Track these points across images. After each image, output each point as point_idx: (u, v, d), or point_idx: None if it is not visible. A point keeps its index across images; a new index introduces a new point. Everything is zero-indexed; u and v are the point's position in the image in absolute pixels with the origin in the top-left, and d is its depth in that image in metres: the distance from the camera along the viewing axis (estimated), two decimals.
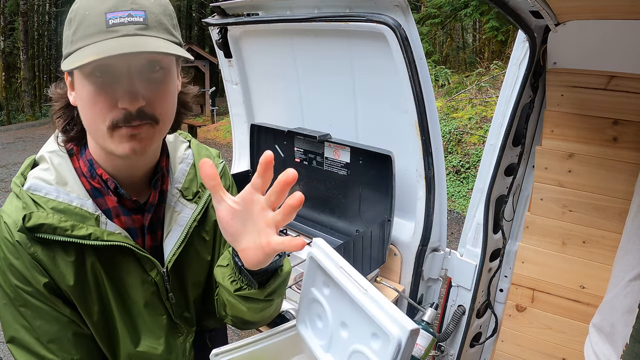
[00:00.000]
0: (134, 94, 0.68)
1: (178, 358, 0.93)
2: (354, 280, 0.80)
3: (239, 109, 2.29)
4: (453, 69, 9.89)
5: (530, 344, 1.68)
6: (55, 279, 0.76)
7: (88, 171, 0.80)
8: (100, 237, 0.76)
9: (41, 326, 0.77)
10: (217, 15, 1.98)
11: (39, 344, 0.77)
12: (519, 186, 1.65)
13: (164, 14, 0.71)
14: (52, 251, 0.75)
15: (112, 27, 0.66)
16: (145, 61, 0.70)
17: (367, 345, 0.78)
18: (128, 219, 0.83)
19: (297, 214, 2.35)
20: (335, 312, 0.86)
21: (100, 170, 0.80)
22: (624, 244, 1.16)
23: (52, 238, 0.74)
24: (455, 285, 1.74)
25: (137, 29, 0.67)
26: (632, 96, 1.33)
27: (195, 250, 0.92)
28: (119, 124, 0.70)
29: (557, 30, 1.29)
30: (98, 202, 0.80)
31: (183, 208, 0.88)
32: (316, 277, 0.92)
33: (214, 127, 11.33)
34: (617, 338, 1.07)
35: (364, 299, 0.77)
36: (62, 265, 0.76)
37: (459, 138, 6.55)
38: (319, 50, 1.83)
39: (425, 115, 1.49)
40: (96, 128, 0.72)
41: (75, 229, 0.75)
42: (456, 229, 4.98)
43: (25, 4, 17.44)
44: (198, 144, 0.99)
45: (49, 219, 0.73)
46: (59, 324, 0.78)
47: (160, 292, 0.87)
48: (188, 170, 0.91)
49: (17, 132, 12.95)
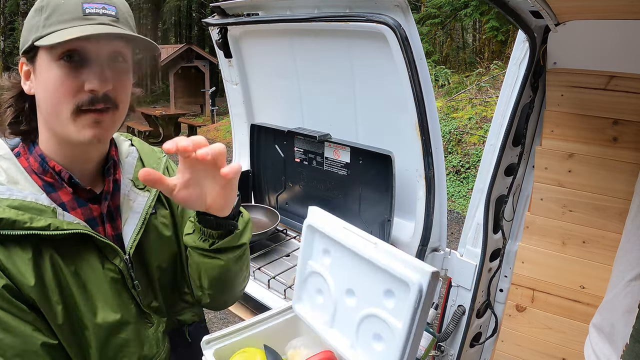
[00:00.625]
0: (104, 77, 0.73)
1: (152, 349, 0.91)
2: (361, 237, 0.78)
3: (239, 109, 2.29)
4: (453, 69, 9.89)
5: (530, 344, 1.68)
6: (14, 280, 0.73)
7: (40, 166, 0.80)
8: (60, 226, 0.76)
9: (4, 339, 0.72)
10: (217, 15, 1.98)
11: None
12: (519, 186, 1.65)
13: (129, 15, 0.79)
14: (7, 250, 0.73)
15: (89, 15, 0.72)
16: (113, 50, 0.75)
17: (380, 306, 0.75)
18: (85, 210, 0.83)
19: (298, 214, 2.35)
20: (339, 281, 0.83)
21: (53, 162, 0.80)
22: (624, 244, 1.16)
23: (11, 233, 0.72)
24: (455, 285, 1.74)
25: (110, 20, 0.74)
26: (632, 96, 1.33)
27: (155, 235, 0.93)
28: (83, 107, 0.73)
29: (557, 30, 1.29)
30: (52, 197, 0.80)
31: (136, 196, 0.91)
32: (314, 247, 0.89)
33: (214, 127, 11.32)
34: (617, 338, 1.07)
35: (375, 253, 0.74)
36: (19, 263, 0.74)
37: (459, 138, 6.55)
38: (319, 50, 1.83)
39: (425, 115, 1.49)
40: (58, 112, 0.74)
41: (34, 221, 0.74)
42: (456, 229, 4.98)
43: (25, 4, 17.44)
44: (139, 140, 1.02)
45: (5, 214, 0.72)
46: (24, 335, 0.74)
47: (126, 281, 0.86)
48: (135, 163, 0.95)
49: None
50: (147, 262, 0.91)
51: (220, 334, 0.87)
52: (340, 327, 0.84)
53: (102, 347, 0.84)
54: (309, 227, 0.90)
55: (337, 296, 0.84)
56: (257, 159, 2.17)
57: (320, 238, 0.88)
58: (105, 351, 0.84)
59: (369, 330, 0.78)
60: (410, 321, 0.69)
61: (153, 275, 0.92)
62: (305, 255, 0.91)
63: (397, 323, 0.72)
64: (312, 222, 0.88)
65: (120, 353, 0.86)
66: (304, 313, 0.91)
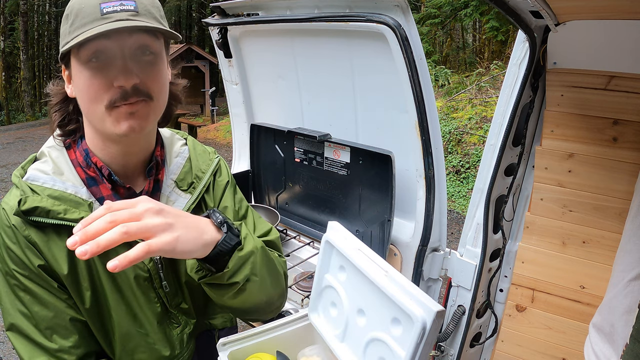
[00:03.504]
0: (128, 71, 0.74)
1: (175, 349, 0.93)
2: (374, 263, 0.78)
3: (239, 109, 2.29)
4: (453, 69, 9.89)
5: (530, 344, 1.68)
6: (49, 263, 0.79)
7: (84, 160, 0.84)
8: None
9: (38, 312, 0.79)
10: (217, 15, 1.98)
11: (37, 330, 0.79)
12: (519, 186, 1.65)
13: (152, 6, 0.78)
14: (45, 235, 0.78)
15: (106, 14, 0.72)
16: (137, 45, 0.75)
17: (387, 331, 0.76)
18: None
19: (298, 214, 2.35)
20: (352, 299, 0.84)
21: (95, 158, 0.83)
22: (624, 244, 1.15)
23: (45, 221, 0.77)
24: (455, 285, 1.74)
25: (129, 15, 0.74)
26: (632, 96, 1.33)
27: None
28: (117, 103, 0.74)
29: (557, 30, 1.29)
30: (92, 190, 0.83)
31: (177, 198, 0.91)
32: (331, 262, 0.90)
33: (214, 127, 11.32)
34: (617, 338, 1.07)
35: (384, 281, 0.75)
36: (55, 249, 0.79)
37: (459, 138, 6.55)
38: (319, 50, 1.83)
39: (425, 115, 1.49)
40: (94, 110, 0.76)
41: (68, 212, 0.78)
42: (456, 229, 4.98)
43: (25, 4, 17.45)
44: (194, 140, 1.03)
45: (42, 203, 0.77)
46: (56, 309, 0.80)
47: (154, 280, 0.88)
48: (184, 164, 0.95)
49: (17, 132, 12.95)
50: (178, 265, 0.92)
51: (236, 338, 0.89)
52: (350, 343, 0.85)
53: (124, 337, 0.87)
54: (327, 242, 0.90)
55: (349, 313, 0.85)
56: (257, 159, 2.17)
57: (337, 254, 0.89)
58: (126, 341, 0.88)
59: (375, 353, 0.80)
60: (412, 354, 0.70)
61: (182, 278, 0.93)
62: (323, 268, 0.91)
63: (401, 352, 0.73)
64: (330, 238, 0.89)
65: (140, 347, 0.89)
66: (318, 323, 0.93)
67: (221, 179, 1.00)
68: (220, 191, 1.00)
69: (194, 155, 0.97)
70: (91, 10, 0.73)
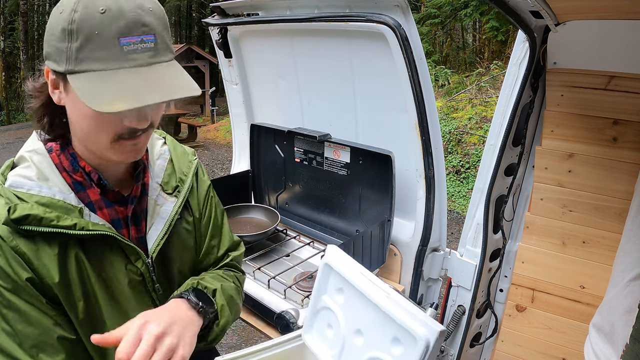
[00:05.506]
0: (143, 116, 0.72)
1: None
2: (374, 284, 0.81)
3: (239, 109, 2.29)
4: (453, 69, 9.88)
5: (530, 344, 1.68)
6: (39, 274, 0.75)
7: (70, 165, 0.81)
8: (85, 226, 0.77)
9: (22, 330, 0.74)
10: (217, 15, 1.98)
11: (21, 350, 0.74)
12: (519, 186, 1.65)
13: (165, 29, 0.73)
14: (35, 244, 0.75)
15: (128, 53, 0.67)
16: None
17: (387, 351, 0.77)
18: (111, 211, 0.84)
19: (298, 214, 2.35)
20: (349, 319, 0.86)
21: (83, 162, 0.81)
22: (624, 244, 1.15)
23: (38, 229, 0.74)
24: (455, 285, 1.74)
25: (149, 56, 0.69)
26: (632, 96, 1.33)
27: (179, 241, 0.94)
28: (123, 137, 0.73)
29: (557, 30, 1.29)
30: (80, 195, 0.81)
31: (164, 202, 0.91)
32: (329, 284, 0.92)
33: (214, 127, 11.32)
34: (617, 338, 1.07)
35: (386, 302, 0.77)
36: (45, 258, 0.76)
37: (459, 138, 6.55)
38: (319, 50, 1.83)
39: (425, 115, 1.49)
40: (96, 140, 0.74)
41: (60, 219, 0.75)
42: (456, 229, 4.98)
43: (25, 4, 17.44)
44: (172, 140, 1.03)
45: (34, 210, 0.74)
46: (43, 327, 0.76)
47: (147, 283, 0.88)
48: (166, 166, 0.95)
49: (17, 132, 12.94)
50: (169, 267, 0.93)
51: (231, 357, 0.90)
52: None
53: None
54: (326, 265, 0.93)
55: (346, 333, 0.86)
56: (257, 159, 2.17)
57: (335, 276, 0.91)
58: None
59: None
60: None
61: (174, 279, 0.94)
62: (320, 290, 0.94)
63: None
64: (330, 261, 0.91)
65: None
66: (313, 344, 0.94)
67: (202, 182, 1.02)
68: (203, 194, 1.01)
69: (175, 156, 0.98)
70: (108, 41, 0.66)
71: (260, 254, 1.82)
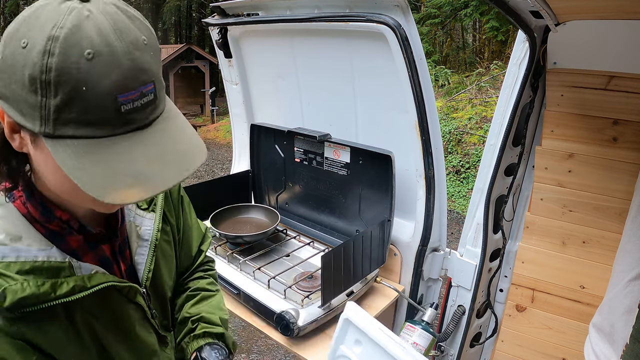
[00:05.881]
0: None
1: None
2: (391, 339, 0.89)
3: (239, 109, 2.29)
4: (453, 69, 9.89)
5: (530, 344, 1.68)
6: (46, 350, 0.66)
7: (42, 216, 0.67)
8: (84, 286, 0.68)
9: None
10: (217, 15, 1.99)
11: None
12: (519, 186, 1.65)
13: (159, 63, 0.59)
14: (36, 323, 0.64)
15: (126, 114, 0.53)
16: None
17: None
18: (98, 252, 0.76)
19: (298, 214, 2.34)
20: None
21: (59, 212, 0.68)
22: (624, 244, 1.16)
23: (37, 308, 0.63)
24: (455, 285, 1.74)
25: (149, 112, 0.57)
26: (632, 96, 1.33)
27: (163, 257, 0.90)
28: None
29: (557, 30, 1.29)
30: (61, 247, 0.68)
31: (142, 220, 0.83)
32: (347, 335, 0.99)
33: (214, 127, 11.32)
34: (617, 338, 1.07)
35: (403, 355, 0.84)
36: (52, 331, 0.66)
37: (459, 138, 6.55)
38: (319, 50, 1.83)
39: (425, 115, 1.49)
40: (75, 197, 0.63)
41: (56, 288, 0.65)
42: (456, 229, 4.98)
43: (25, 4, 17.45)
44: None
45: (27, 290, 0.61)
46: None
47: (146, 313, 0.84)
48: None
49: None
50: (160, 286, 0.91)
51: None
52: None
53: None
54: (346, 319, 1.01)
55: None
56: (257, 159, 2.17)
57: (354, 329, 0.99)
58: None
59: None
60: None
61: (166, 295, 0.93)
62: (339, 340, 1.02)
63: None
64: (349, 316, 0.99)
65: None
66: None
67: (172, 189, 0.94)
68: (175, 197, 0.95)
69: None
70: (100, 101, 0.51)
71: (260, 254, 1.82)
